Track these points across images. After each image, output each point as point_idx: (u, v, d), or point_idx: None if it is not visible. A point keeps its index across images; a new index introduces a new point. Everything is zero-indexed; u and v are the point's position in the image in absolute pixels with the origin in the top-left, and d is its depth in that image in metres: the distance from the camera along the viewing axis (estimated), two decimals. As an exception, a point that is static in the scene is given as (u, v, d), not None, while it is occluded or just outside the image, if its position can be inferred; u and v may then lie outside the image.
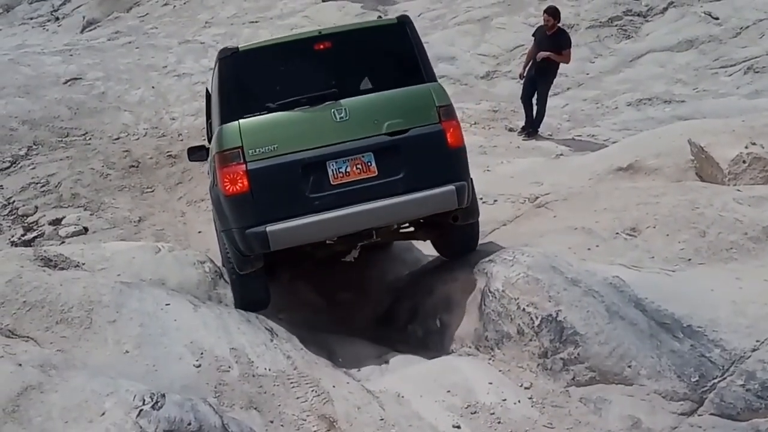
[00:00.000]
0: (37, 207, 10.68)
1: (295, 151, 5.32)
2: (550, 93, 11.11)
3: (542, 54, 10.55)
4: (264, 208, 5.30)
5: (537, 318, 4.99)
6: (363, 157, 5.38)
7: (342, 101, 5.40)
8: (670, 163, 7.79)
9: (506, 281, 5.31)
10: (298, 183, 5.31)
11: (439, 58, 13.52)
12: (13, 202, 10.87)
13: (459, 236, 6.17)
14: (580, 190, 7.77)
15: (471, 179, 5.82)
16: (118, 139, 12.34)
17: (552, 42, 10.58)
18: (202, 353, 4.85)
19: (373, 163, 5.38)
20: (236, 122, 5.34)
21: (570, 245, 5.94)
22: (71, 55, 15.84)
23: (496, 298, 5.30)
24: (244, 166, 5.25)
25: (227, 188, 5.32)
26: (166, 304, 5.39)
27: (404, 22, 5.80)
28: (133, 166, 11.46)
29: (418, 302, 6.40)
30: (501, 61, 13.37)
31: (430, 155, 5.48)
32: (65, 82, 14.22)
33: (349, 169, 5.37)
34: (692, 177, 7.44)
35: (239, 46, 5.61)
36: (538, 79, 10.83)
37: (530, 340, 4.98)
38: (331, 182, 5.35)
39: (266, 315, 6.26)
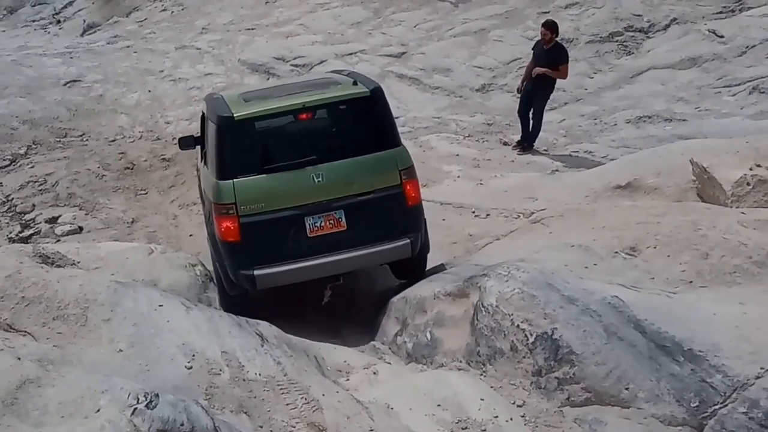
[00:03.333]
0: (34, 205, 10.69)
1: (279, 209, 6.34)
2: (546, 108, 11.11)
3: (538, 70, 10.50)
4: (252, 254, 6.36)
5: (532, 335, 4.94)
6: (335, 213, 6.41)
7: (320, 166, 6.35)
8: (671, 182, 7.73)
9: (500, 296, 5.25)
10: (281, 235, 6.37)
11: (435, 70, 13.57)
12: (12, 199, 10.89)
13: (410, 266, 7.11)
14: (577, 206, 7.75)
15: (425, 224, 6.91)
16: (114, 141, 12.34)
17: (549, 56, 10.54)
18: (193, 355, 4.84)
19: (343, 219, 6.42)
20: (231, 182, 6.30)
21: (567, 262, 5.89)
22: (71, 58, 15.88)
23: (489, 313, 5.26)
24: (237, 220, 6.29)
25: (223, 235, 6.38)
26: (160, 305, 5.38)
27: (376, 93, 6.58)
28: (128, 168, 11.46)
29: (408, 314, 6.34)
30: (497, 74, 13.36)
31: (391, 212, 6.51)
32: (65, 84, 14.26)
33: (323, 224, 6.41)
34: (693, 197, 7.38)
35: (235, 114, 6.38)
36: (534, 94, 10.78)
37: (524, 357, 4.93)
38: (308, 234, 6.40)
39: (256, 320, 6.27)
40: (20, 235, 9.99)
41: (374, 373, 5.48)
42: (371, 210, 6.46)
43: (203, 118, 7.65)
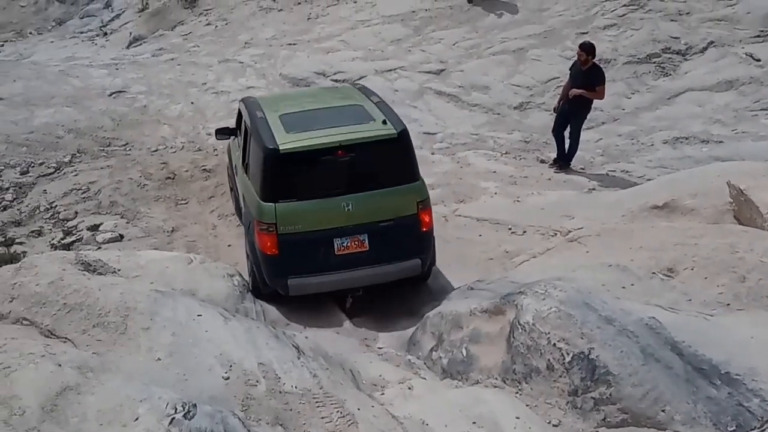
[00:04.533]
0: (77, 212, 10.87)
1: (312, 230, 7.37)
2: (583, 127, 11.08)
3: (575, 92, 10.48)
4: (287, 265, 7.43)
5: (568, 354, 4.93)
6: (360, 236, 7.47)
7: (350, 196, 7.40)
8: (708, 204, 7.65)
9: (537, 315, 5.25)
10: (312, 251, 7.39)
11: (473, 87, 13.59)
12: (55, 206, 11.08)
13: (418, 277, 8.14)
14: (614, 226, 7.70)
15: (434, 244, 7.95)
16: (156, 151, 12.53)
17: (586, 78, 10.51)
18: (231, 366, 4.90)
19: (366, 241, 7.48)
20: (273, 205, 7.33)
21: (604, 282, 5.86)
22: (117, 69, 16.17)
23: (525, 331, 5.26)
24: (276, 237, 7.34)
25: (263, 248, 7.42)
26: (198, 315, 5.47)
27: (403, 134, 7.57)
28: (169, 178, 11.61)
29: (444, 330, 6.35)
30: (535, 93, 13.34)
31: (407, 236, 7.56)
32: (110, 95, 14.51)
33: (349, 244, 7.47)
34: (730, 219, 7.29)
35: (280, 146, 7.32)
36: (571, 114, 10.76)
37: (560, 376, 4.91)
38: (336, 252, 7.45)
39: (293, 332, 6.32)
40: (62, 241, 10.16)
41: (409, 388, 5.50)
42: (390, 234, 7.51)
43: (239, 114, 9.19)
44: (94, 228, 10.38)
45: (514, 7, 16.00)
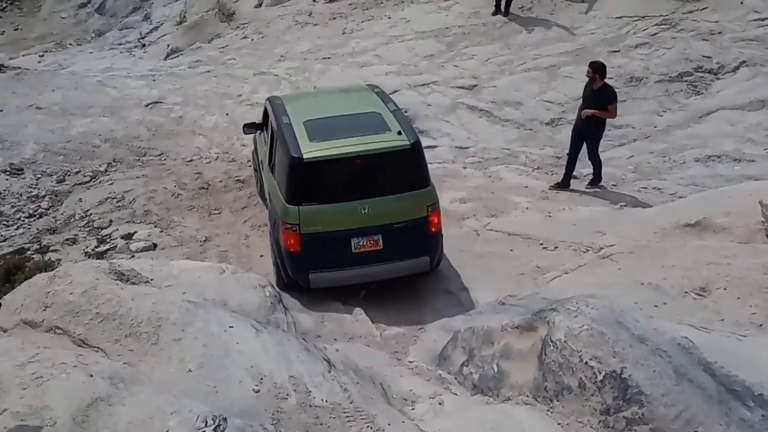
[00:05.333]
0: (111, 221, 11.01)
1: (332, 231, 8.09)
2: (614, 143, 11.00)
3: (587, 112, 10.35)
4: (309, 261, 8.14)
5: (600, 373, 4.89)
6: (374, 236, 8.17)
7: (366, 201, 8.10)
8: (740, 222, 7.55)
9: (569, 332, 5.22)
10: (331, 249, 8.08)
11: (505, 103, 13.54)
12: (90, 214, 11.23)
13: (426, 273, 8.73)
14: (646, 243, 7.62)
15: (442, 244, 8.62)
16: (191, 161, 12.66)
17: (597, 98, 10.40)
18: (261, 379, 4.92)
19: (381, 240, 8.19)
20: (297, 207, 8.04)
21: (636, 300, 5.84)
22: (154, 80, 16.35)
23: (557, 348, 5.23)
24: (299, 236, 8.05)
25: (287, 245, 8.16)
26: (230, 327, 5.50)
27: (416, 145, 8.27)
28: (203, 188, 11.72)
29: (475, 345, 6.34)
30: (567, 109, 13.24)
31: (417, 237, 8.25)
32: (147, 105, 14.67)
33: (364, 243, 8.18)
34: (762, 239, 7.18)
35: (304, 155, 8.01)
36: (587, 136, 10.64)
37: (592, 395, 4.87)
38: (353, 250, 8.16)
39: (324, 345, 6.33)
40: (96, 249, 10.29)
41: (440, 404, 5.49)
42: (402, 234, 8.21)
43: (266, 112, 9.96)
44: (128, 236, 10.51)
45: (549, 24, 15.98)
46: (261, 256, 9.83)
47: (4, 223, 11.14)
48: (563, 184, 10.88)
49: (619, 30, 15.11)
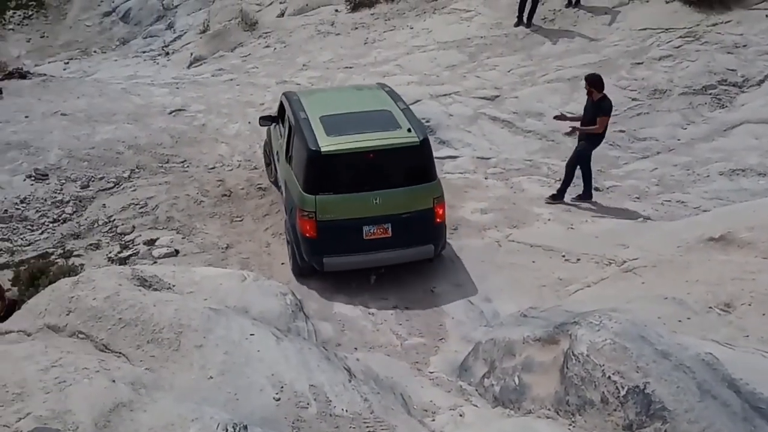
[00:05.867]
0: (134, 227, 11.09)
1: (346, 218, 8.67)
2: (638, 156, 10.88)
3: (577, 128, 10.50)
4: (323, 246, 8.71)
5: (623, 388, 4.85)
6: (384, 225, 8.75)
7: (378, 192, 8.70)
8: (765, 237, 7.43)
9: (591, 346, 5.19)
10: (345, 236, 8.66)
11: (527, 114, 13.47)
12: (114, 220, 11.32)
13: (430, 259, 9.34)
14: (670, 257, 7.55)
15: (445, 232, 9.23)
16: (213, 168, 12.72)
17: (594, 109, 10.33)
18: (282, 387, 4.92)
19: (390, 229, 8.77)
20: (314, 196, 8.62)
21: (659, 315, 5.76)
22: (177, 88, 16.46)
23: (579, 362, 5.19)
24: (315, 223, 8.62)
25: (304, 231, 8.71)
26: (251, 334, 5.52)
27: (424, 141, 8.86)
28: (225, 195, 11.77)
29: (496, 357, 6.30)
30: (588, 121, 13.23)
31: (423, 226, 8.85)
32: (170, 113, 14.75)
33: (375, 231, 8.75)
34: (787, 254, 7.12)
35: (322, 148, 8.59)
36: (578, 145, 10.63)
37: (615, 409, 4.83)
38: (364, 237, 8.74)
39: (343, 353, 6.32)
40: (119, 255, 10.37)
41: (461, 415, 5.47)
42: (410, 223, 8.79)
43: (281, 106, 10.54)
44: (151, 242, 10.59)
45: (572, 35, 15.93)
46: (282, 264, 9.85)
47: (29, 227, 11.26)
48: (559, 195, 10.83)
49: (642, 42, 15.03)
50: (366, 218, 8.74)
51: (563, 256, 9.22)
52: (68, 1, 24.75)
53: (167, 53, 21.85)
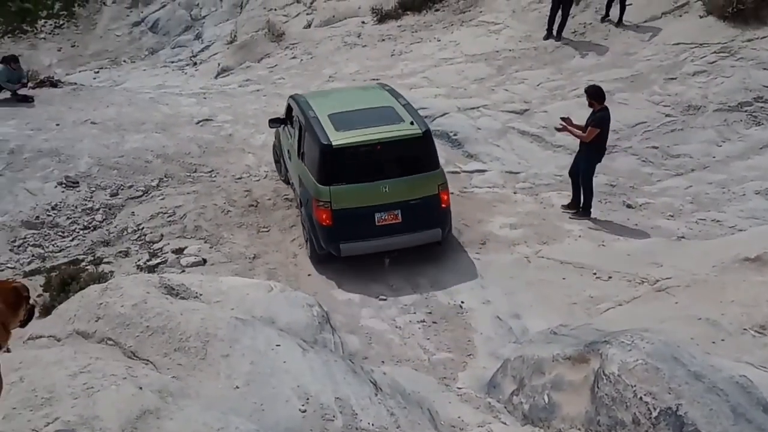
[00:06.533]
0: (162, 235, 11.15)
1: (359, 207, 9.41)
2: (672, 173, 10.76)
3: (566, 127, 10.54)
4: (339, 233, 9.43)
5: (655, 409, 4.76)
6: (394, 211, 9.49)
7: (387, 181, 9.46)
8: (803, 258, 7.33)
9: (623, 366, 5.09)
10: (358, 223, 9.38)
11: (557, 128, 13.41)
12: (142, 228, 11.41)
13: (438, 242, 9.96)
14: (704, 277, 7.41)
15: (450, 217, 9.90)
16: (240, 178, 12.76)
17: (590, 120, 10.39)
18: (308, 399, 4.87)
19: (400, 215, 9.50)
20: (328, 187, 9.38)
21: (692, 335, 5.67)
22: (205, 98, 16.56)
23: (611, 382, 5.10)
24: (330, 212, 9.36)
25: (320, 220, 9.46)
26: (277, 345, 5.48)
27: (426, 133, 9.65)
28: (252, 206, 11.79)
29: (525, 374, 6.21)
30: (621, 137, 12.97)
31: (430, 211, 9.58)
32: (198, 123, 14.83)
33: (386, 217, 9.49)
34: (825, 276, 6.95)
35: (333, 142, 9.34)
36: (580, 161, 10.59)
37: (646, 431, 4.73)
38: (376, 223, 9.48)
39: (369, 366, 6.25)
40: (148, 263, 10.43)
41: (489, 432, 5.39)
42: (417, 209, 9.49)
43: (289, 108, 11.25)
44: (179, 251, 10.63)
45: (603, 49, 15.79)
46: (309, 275, 9.85)
47: (60, 234, 11.38)
48: (572, 207, 10.83)
49: (675, 57, 14.84)
50: (377, 206, 9.43)
51: (594, 273, 9.12)
52: (98, 11, 25.05)
53: (195, 63, 22.03)
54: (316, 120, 9.84)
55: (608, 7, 16.45)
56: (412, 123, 9.68)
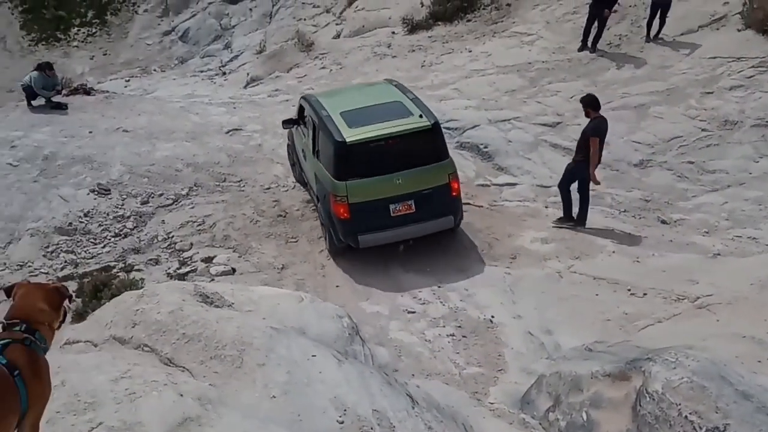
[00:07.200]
0: (192, 244, 11.18)
1: (374, 199, 9.74)
2: (707, 188, 10.55)
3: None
4: (356, 225, 9.80)
5: (701, 429, 4.63)
6: (408, 201, 9.85)
7: (400, 173, 9.79)
8: (843, 277, 7.15)
9: (667, 384, 4.96)
10: (374, 214, 9.75)
11: (590, 141, 13.27)
12: (172, 236, 11.45)
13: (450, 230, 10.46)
14: (746, 295, 7.24)
15: (461, 205, 10.33)
16: (269, 188, 12.77)
17: (587, 129, 10.41)
18: (345, 410, 4.80)
19: (413, 205, 9.86)
20: (344, 182, 9.75)
21: (737, 354, 5.51)
22: (234, 108, 16.63)
23: (654, 400, 4.96)
24: (347, 205, 9.73)
25: (338, 214, 9.82)
26: (312, 355, 5.42)
27: (436, 125, 10.02)
28: (280, 216, 11.79)
29: (562, 391, 6.08)
30: (656, 151, 12.83)
31: (442, 200, 9.94)
32: (227, 132, 14.89)
33: (400, 208, 9.85)
34: None
35: (347, 139, 9.68)
36: (576, 172, 10.56)
37: (692, 451, 4.60)
38: (391, 214, 9.85)
39: (404, 380, 6.16)
40: (178, 271, 10.46)
41: (526, 449, 5.27)
42: (430, 199, 9.86)
43: (302, 108, 11.69)
44: (208, 260, 10.63)
45: (638, 62, 15.62)
46: (337, 286, 9.81)
47: (92, 240, 11.45)
48: (566, 220, 10.84)
49: (713, 71, 14.62)
50: (392, 197, 9.78)
51: (629, 289, 8.96)
52: (130, 20, 25.34)
53: (224, 73, 22.15)
54: (329, 118, 10.17)
55: (649, 26, 16.22)
56: (421, 116, 9.98)
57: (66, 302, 3.60)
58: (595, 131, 10.25)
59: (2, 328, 3.34)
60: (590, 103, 10.43)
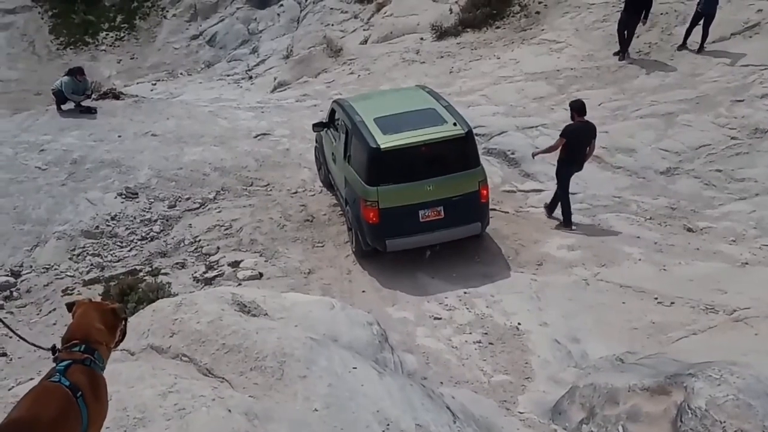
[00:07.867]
0: (218, 248, 11.23)
1: (404, 204, 9.82)
2: (734, 197, 10.49)
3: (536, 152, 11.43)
4: (385, 230, 9.90)
5: (747, 447, 4.59)
6: (437, 207, 9.93)
7: (431, 180, 9.85)
8: None
9: (711, 401, 4.92)
10: (403, 219, 9.84)
11: (617, 149, 13.10)
12: (199, 240, 11.50)
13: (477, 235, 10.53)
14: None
15: (488, 212, 10.40)
16: (296, 193, 12.81)
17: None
18: (388, 424, 4.78)
19: (443, 211, 9.93)
20: (376, 188, 9.81)
21: (780, 371, 5.44)
22: (262, 112, 16.69)
23: (697, 416, 4.93)
24: (378, 211, 9.81)
25: (368, 219, 9.91)
26: (353, 368, 5.40)
27: (469, 133, 10.03)
28: (307, 220, 11.83)
29: (596, 403, 6.04)
30: (684, 159, 12.72)
31: (471, 207, 10.00)
32: (255, 137, 14.95)
33: (429, 213, 9.94)
34: None
35: (381, 145, 9.73)
36: (556, 170, 11.05)
37: (737, 469, 4.57)
38: (420, 220, 9.93)
39: (441, 392, 6.15)
40: (205, 275, 10.49)
41: (562, 462, 5.25)
42: (459, 205, 9.92)
43: (333, 112, 11.86)
44: (235, 264, 10.67)
45: (668, 70, 15.51)
46: (363, 291, 9.83)
47: (119, 244, 11.52)
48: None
49: (744, 78, 14.50)
50: (421, 203, 9.85)
51: (656, 298, 8.94)
52: (159, 24, 25.55)
53: (250, 77, 22.27)
54: (363, 124, 10.23)
55: (688, 34, 16.07)
56: (455, 124, 10.00)
57: (122, 324, 3.63)
58: (567, 133, 10.71)
59: (61, 347, 3.37)
60: (576, 108, 10.80)
